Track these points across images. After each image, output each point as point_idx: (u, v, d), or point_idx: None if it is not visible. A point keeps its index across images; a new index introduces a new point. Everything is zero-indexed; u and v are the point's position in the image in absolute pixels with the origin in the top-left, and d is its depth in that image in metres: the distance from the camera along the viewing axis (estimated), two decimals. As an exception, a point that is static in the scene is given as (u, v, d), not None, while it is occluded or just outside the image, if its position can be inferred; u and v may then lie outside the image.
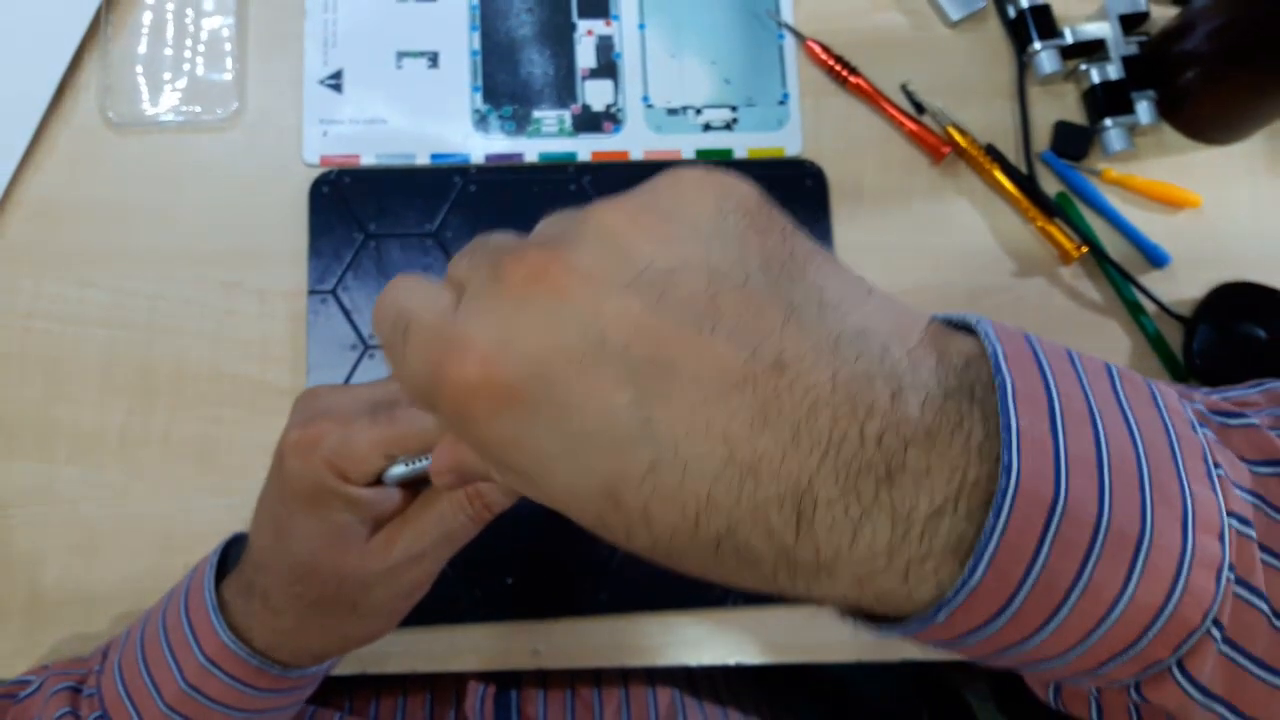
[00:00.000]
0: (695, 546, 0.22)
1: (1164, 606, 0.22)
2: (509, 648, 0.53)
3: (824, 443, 0.21)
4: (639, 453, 0.21)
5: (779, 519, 0.21)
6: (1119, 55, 0.61)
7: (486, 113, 0.59)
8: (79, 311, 0.55)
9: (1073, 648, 0.22)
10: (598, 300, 0.22)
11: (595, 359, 0.21)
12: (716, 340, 0.21)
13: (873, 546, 0.21)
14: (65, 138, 0.57)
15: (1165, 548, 0.22)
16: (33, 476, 0.53)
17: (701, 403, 0.21)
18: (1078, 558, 0.21)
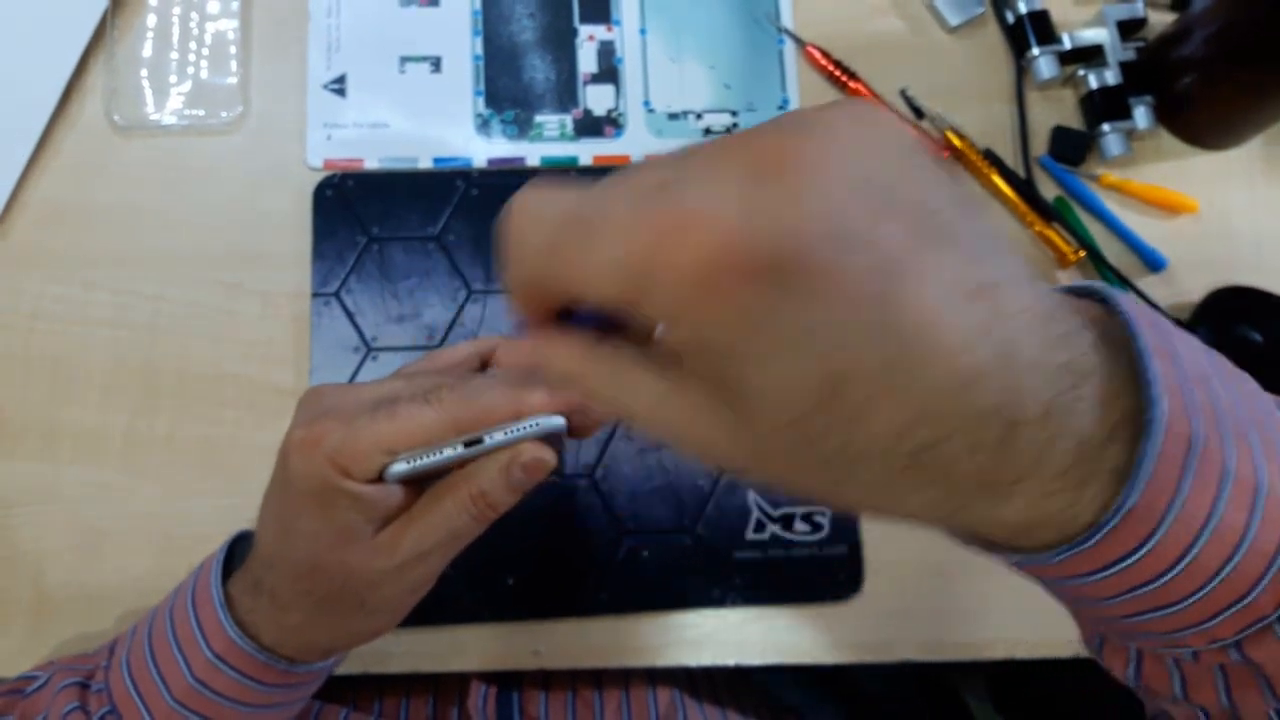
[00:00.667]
0: (888, 455, 0.23)
1: (1276, 554, 0.24)
2: (510, 647, 0.54)
3: (1030, 363, 0.22)
4: (878, 347, 0.21)
5: (989, 432, 0.22)
6: (1117, 61, 0.61)
7: (489, 117, 0.60)
8: (83, 313, 0.56)
9: (1197, 590, 0.25)
10: (843, 191, 0.21)
11: (849, 246, 0.21)
12: (947, 252, 0.22)
13: (1057, 466, 0.23)
14: (71, 141, 0.58)
15: (1277, 496, 0.24)
16: (37, 477, 0.54)
17: (938, 308, 0.21)
18: (1210, 496, 0.24)
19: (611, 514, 0.55)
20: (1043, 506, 0.24)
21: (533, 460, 0.36)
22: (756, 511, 0.56)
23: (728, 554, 0.55)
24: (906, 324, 0.21)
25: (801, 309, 0.21)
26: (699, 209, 0.21)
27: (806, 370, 0.22)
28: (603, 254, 0.22)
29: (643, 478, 0.56)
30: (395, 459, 0.36)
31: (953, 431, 0.22)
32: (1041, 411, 0.22)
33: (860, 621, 0.56)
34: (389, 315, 0.56)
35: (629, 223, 0.22)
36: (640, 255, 0.22)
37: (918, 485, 0.23)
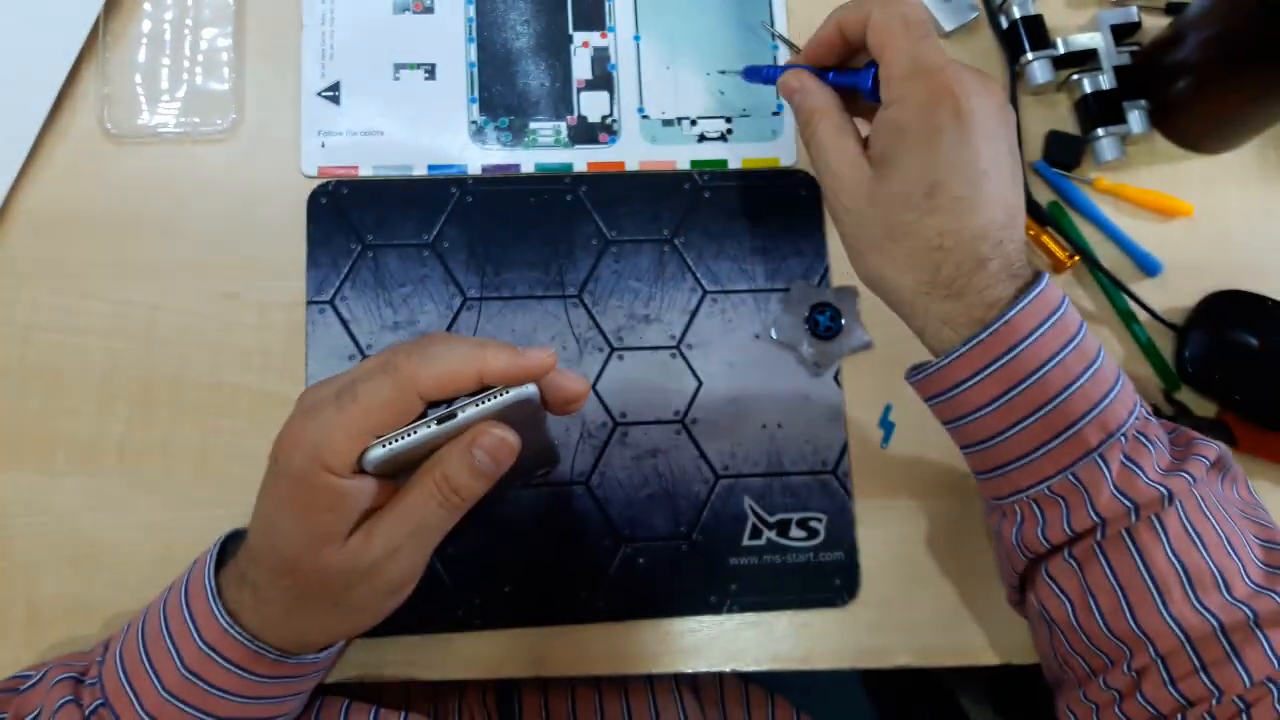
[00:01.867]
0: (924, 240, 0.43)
1: (1098, 403, 0.41)
2: (507, 656, 0.54)
3: (1009, 256, 0.43)
4: (961, 187, 0.42)
5: (970, 263, 0.43)
6: (1111, 65, 0.62)
7: (483, 124, 0.60)
8: (78, 322, 0.55)
9: (1044, 404, 0.41)
10: (1007, 131, 0.45)
11: (994, 145, 0.43)
12: (1014, 190, 0.45)
13: (993, 297, 0.43)
14: (64, 149, 0.58)
15: (1104, 373, 0.42)
16: (32, 487, 0.53)
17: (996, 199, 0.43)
18: (1061, 341, 0.42)
19: (608, 521, 0.55)
20: (966, 314, 0.42)
21: (493, 441, 0.36)
22: (752, 518, 0.56)
23: (724, 560, 0.55)
24: (979, 191, 0.43)
25: (954, 144, 0.42)
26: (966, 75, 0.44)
27: (928, 172, 0.42)
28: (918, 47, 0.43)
29: (639, 485, 0.56)
30: (371, 447, 0.35)
31: (957, 250, 0.42)
32: (998, 271, 0.42)
33: (857, 627, 0.56)
34: (384, 323, 0.56)
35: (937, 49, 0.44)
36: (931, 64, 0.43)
37: (925, 265, 0.43)
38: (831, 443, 0.57)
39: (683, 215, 0.59)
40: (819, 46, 0.48)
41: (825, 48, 0.47)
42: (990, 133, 0.43)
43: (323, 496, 0.36)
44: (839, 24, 0.46)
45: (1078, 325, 0.42)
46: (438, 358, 0.35)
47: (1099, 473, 0.41)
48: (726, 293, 0.58)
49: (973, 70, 0.44)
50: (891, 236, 0.43)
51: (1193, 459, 0.44)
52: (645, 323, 0.58)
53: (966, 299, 0.42)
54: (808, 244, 0.59)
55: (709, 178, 0.60)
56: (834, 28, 0.46)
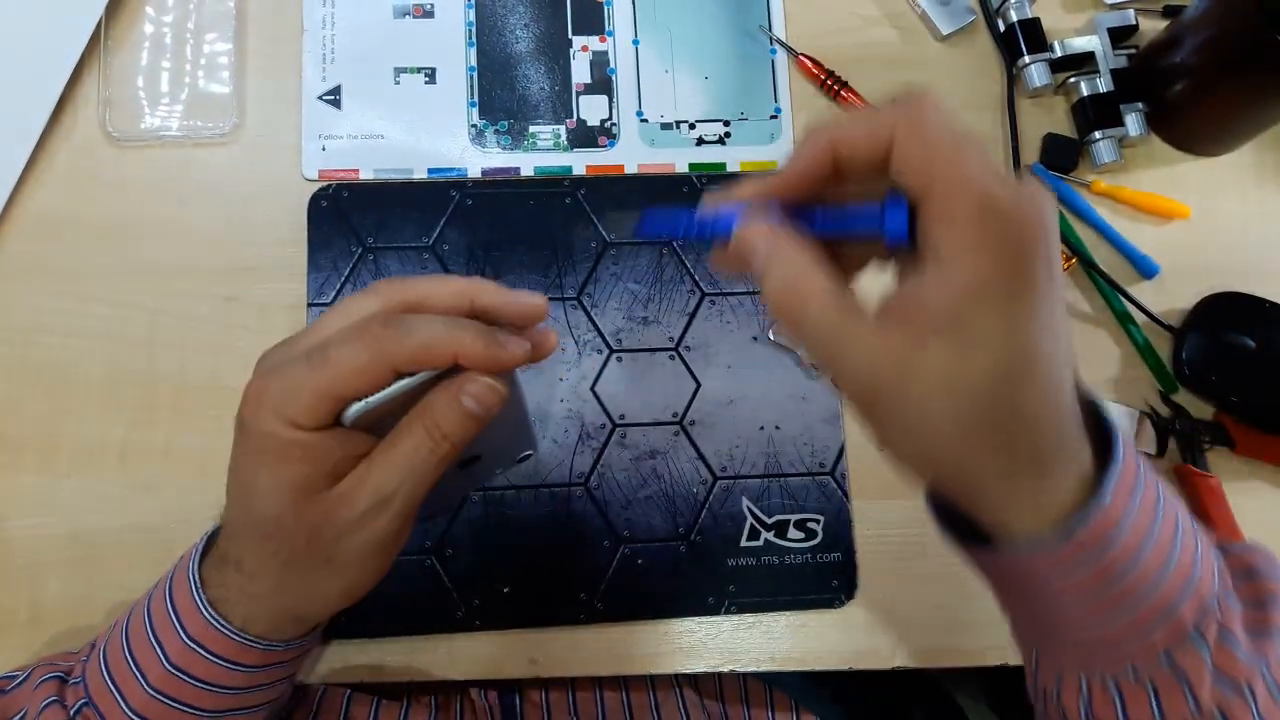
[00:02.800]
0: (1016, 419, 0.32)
1: (1192, 575, 0.35)
2: (505, 657, 0.54)
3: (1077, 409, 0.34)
4: (1059, 346, 0.32)
5: (1065, 432, 0.33)
6: (1108, 68, 0.62)
7: (483, 127, 0.60)
8: (80, 326, 0.56)
9: (1145, 591, 0.34)
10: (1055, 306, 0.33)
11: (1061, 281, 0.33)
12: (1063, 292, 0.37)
13: (1081, 471, 0.34)
14: (65, 152, 0.58)
15: (1188, 533, 0.35)
16: (34, 489, 0.54)
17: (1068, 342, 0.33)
18: (1150, 515, 0.34)
19: (606, 522, 0.55)
20: (1060, 491, 0.33)
21: (481, 388, 0.35)
22: (750, 519, 0.56)
23: (722, 561, 0.55)
24: (1067, 346, 0.32)
25: (1047, 297, 0.31)
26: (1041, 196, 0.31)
27: (1030, 340, 0.31)
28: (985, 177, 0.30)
29: (637, 486, 0.56)
30: (346, 404, 0.35)
31: (1051, 420, 0.32)
32: (1079, 437, 0.33)
33: (854, 628, 0.56)
34: (384, 326, 0.56)
35: (1008, 178, 0.30)
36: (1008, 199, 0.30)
37: (1010, 447, 0.32)
38: (829, 444, 0.57)
39: (681, 218, 0.59)
40: (798, 175, 0.33)
41: (807, 177, 0.33)
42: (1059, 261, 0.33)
43: (294, 449, 0.35)
44: (834, 143, 0.32)
45: (1155, 482, 0.35)
46: (417, 330, 0.35)
47: (1198, 657, 0.35)
48: (725, 295, 0.59)
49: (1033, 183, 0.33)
50: (978, 423, 0.32)
51: (1271, 602, 0.37)
52: (644, 325, 0.58)
53: (1055, 473, 0.33)
54: (806, 247, 0.60)
55: (707, 181, 0.60)
56: (825, 148, 0.33)
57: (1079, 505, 0.33)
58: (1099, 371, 0.60)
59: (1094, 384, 0.60)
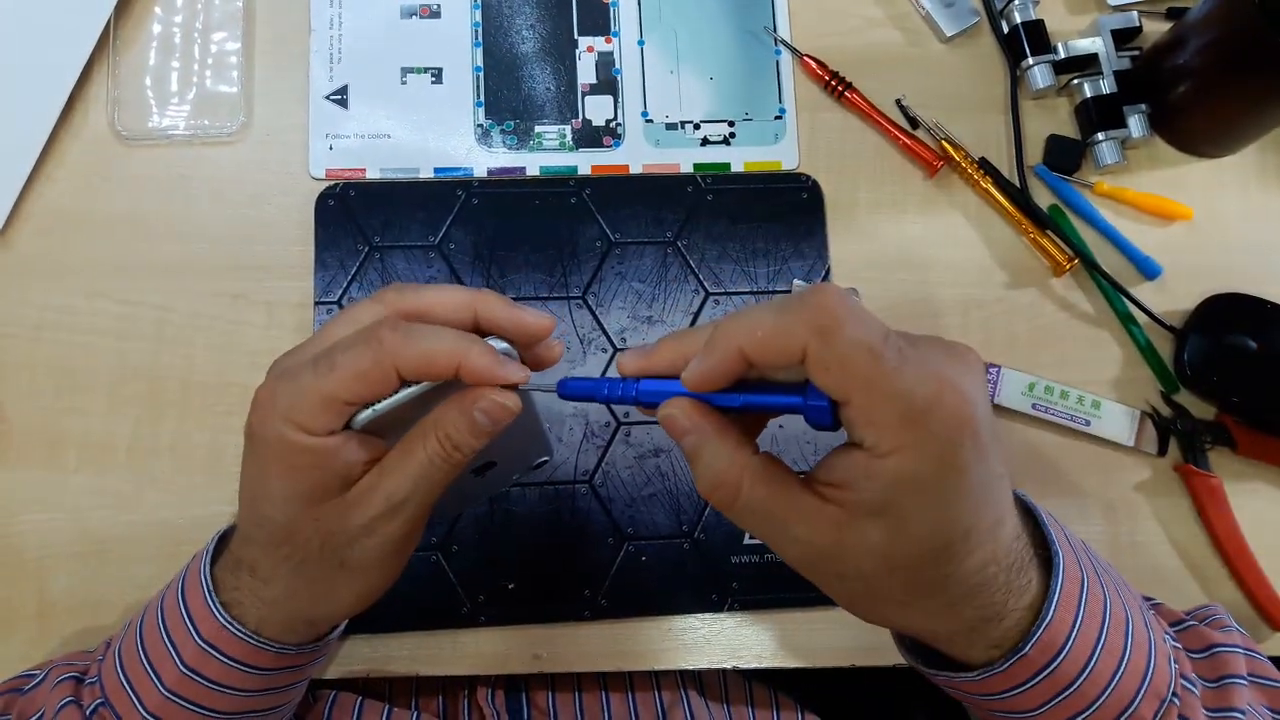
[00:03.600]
0: (966, 584, 0.34)
1: (1146, 672, 0.37)
2: (511, 652, 0.54)
3: (1020, 547, 0.36)
4: (998, 507, 0.34)
5: (1014, 573, 0.35)
6: (1111, 70, 0.62)
7: (489, 127, 0.60)
8: (88, 323, 0.56)
9: (1098, 697, 0.36)
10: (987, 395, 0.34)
11: (993, 432, 0.33)
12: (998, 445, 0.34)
13: (1031, 596, 0.36)
14: (75, 150, 0.58)
15: (1139, 632, 0.37)
16: (42, 485, 0.54)
17: (1005, 499, 0.34)
18: (1097, 622, 0.36)
19: (611, 520, 0.56)
20: (1015, 626, 0.35)
21: (492, 405, 0.36)
22: (754, 517, 0.56)
23: (726, 559, 0.56)
24: (1005, 497, 0.34)
25: (980, 471, 0.32)
26: (953, 379, 0.31)
27: (964, 515, 0.33)
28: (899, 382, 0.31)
29: (641, 483, 0.56)
30: (356, 409, 0.35)
31: (1001, 571, 0.34)
32: (1028, 562, 0.36)
33: (857, 626, 0.55)
34: (390, 324, 0.57)
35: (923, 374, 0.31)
36: (926, 398, 0.31)
37: (967, 607, 0.35)
38: (831, 443, 0.57)
39: (685, 218, 0.60)
40: (714, 380, 0.33)
41: (724, 380, 0.33)
42: (990, 417, 0.33)
43: (304, 456, 0.35)
44: (745, 354, 0.32)
45: (1099, 585, 0.37)
46: (423, 340, 0.35)
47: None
48: (729, 294, 0.59)
49: (953, 353, 0.33)
50: (921, 593, 0.34)
51: (1228, 684, 0.41)
52: (648, 324, 0.58)
53: (1004, 616, 0.35)
54: (809, 246, 0.60)
55: (712, 181, 0.60)
56: (736, 355, 0.32)
57: (1028, 627, 0.35)
58: (1101, 372, 0.60)
59: (1096, 385, 0.60)
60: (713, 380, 0.34)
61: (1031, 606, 0.36)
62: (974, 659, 0.37)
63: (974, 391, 0.32)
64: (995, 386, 0.58)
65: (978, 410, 0.32)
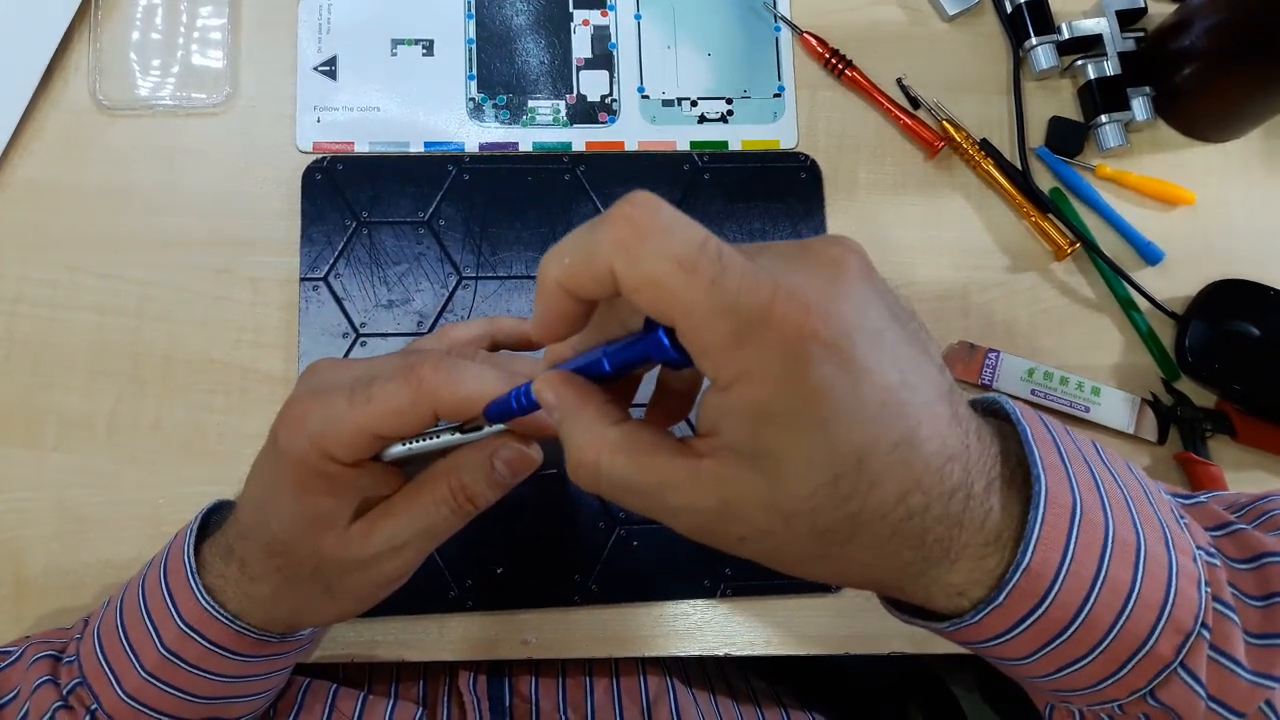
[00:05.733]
0: (888, 520, 0.27)
1: (1164, 604, 0.29)
2: (499, 637, 0.53)
3: (978, 451, 0.29)
4: (896, 425, 0.27)
5: (955, 503, 0.28)
6: (1115, 51, 0.61)
7: (481, 101, 0.59)
8: (68, 297, 0.55)
9: (1100, 641, 0.29)
10: (883, 301, 0.28)
11: (885, 341, 0.27)
12: (930, 362, 0.28)
13: (988, 530, 0.29)
14: (54, 120, 0.57)
15: (1157, 557, 0.30)
16: (20, 463, 0.53)
17: (933, 399, 0.28)
18: (1096, 553, 0.29)
19: (602, 504, 0.55)
20: (978, 568, 0.29)
21: (515, 455, 0.35)
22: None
23: (719, 545, 0.55)
24: (911, 412, 0.27)
25: (853, 385, 0.26)
26: (800, 288, 0.26)
27: (847, 440, 0.26)
28: (727, 292, 0.25)
29: (634, 468, 0.55)
30: (389, 443, 0.35)
31: (932, 501, 0.28)
32: (984, 486, 0.29)
33: (849, 613, 0.55)
34: (378, 300, 0.56)
35: (751, 281, 0.26)
36: (752, 309, 0.25)
37: (900, 548, 0.28)
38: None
39: (682, 196, 0.59)
40: (551, 324, 0.29)
41: (561, 321, 0.29)
42: (876, 325, 0.27)
43: (324, 482, 0.35)
44: (564, 287, 0.28)
45: (1100, 508, 0.29)
46: (466, 381, 0.33)
47: (1188, 692, 0.30)
48: (725, 275, 0.58)
49: (803, 256, 0.28)
50: (834, 541, 0.28)
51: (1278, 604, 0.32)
52: (642, 304, 0.57)
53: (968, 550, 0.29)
54: (807, 226, 0.59)
55: (709, 159, 0.59)
56: (559, 295, 0.28)
57: (1000, 569, 0.29)
58: (1101, 358, 0.59)
59: (1096, 371, 0.59)
60: (547, 327, 0.29)
61: (1000, 541, 0.29)
62: (942, 608, 0.31)
63: (819, 295, 0.26)
64: (994, 371, 0.57)
65: (825, 316, 0.26)
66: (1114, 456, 0.32)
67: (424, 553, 0.39)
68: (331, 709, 0.50)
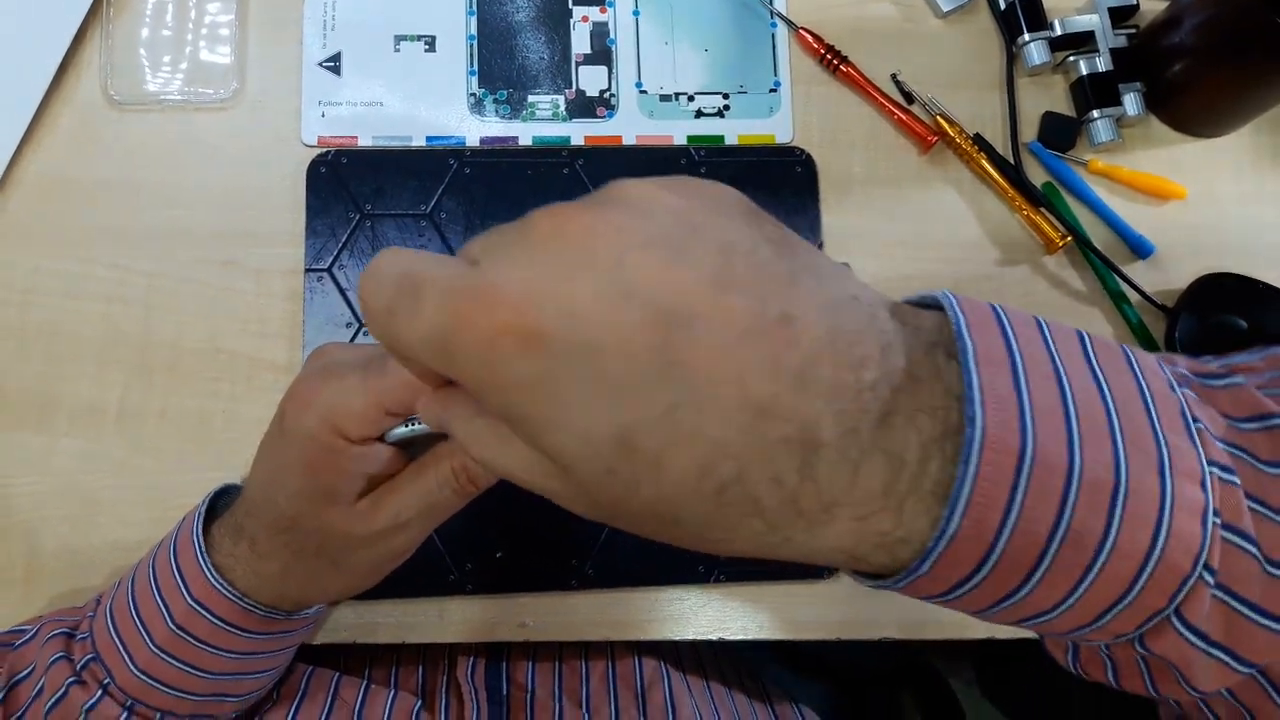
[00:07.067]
0: (700, 497, 0.23)
1: (1150, 551, 0.23)
2: (498, 620, 0.54)
3: (825, 389, 0.22)
4: (660, 394, 0.22)
5: (785, 461, 0.22)
6: (1107, 47, 0.62)
7: (482, 96, 0.60)
8: (78, 287, 0.56)
9: (1064, 599, 0.24)
10: (624, 251, 0.23)
11: (622, 303, 0.22)
12: (731, 295, 0.23)
13: (870, 488, 0.23)
14: (67, 115, 0.58)
15: (1143, 493, 0.23)
16: (32, 448, 0.54)
17: (720, 348, 0.22)
18: (1054, 504, 0.22)
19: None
20: (865, 530, 0.23)
21: None
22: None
23: (714, 531, 0.56)
24: (680, 374, 0.22)
25: (581, 368, 0.22)
26: (496, 283, 0.23)
27: (601, 424, 0.23)
28: (421, 322, 0.24)
29: (631, 456, 0.56)
30: (396, 422, 0.35)
31: (749, 465, 0.22)
32: (841, 434, 0.22)
33: (844, 599, 0.56)
34: (381, 292, 0.57)
35: (446, 291, 0.24)
36: (444, 326, 0.24)
37: (739, 520, 0.23)
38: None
39: (679, 190, 0.59)
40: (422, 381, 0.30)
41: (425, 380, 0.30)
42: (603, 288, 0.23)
43: (333, 459, 0.36)
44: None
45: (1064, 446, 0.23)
46: None
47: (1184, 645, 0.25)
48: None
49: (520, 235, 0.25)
50: (666, 523, 0.25)
51: None
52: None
53: (841, 511, 0.23)
54: (802, 220, 0.60)
55: (705, 153, 0.60)
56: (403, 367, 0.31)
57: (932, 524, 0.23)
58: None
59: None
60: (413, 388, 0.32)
61: (896, 497, 0.23)
62: (870, 568, 0.25)
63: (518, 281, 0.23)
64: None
65: (518, 304, 0.23)
66: (1107, 349, 0.25)
67: (426, 530, 0.40)
68: (334, 697, 0.52)
